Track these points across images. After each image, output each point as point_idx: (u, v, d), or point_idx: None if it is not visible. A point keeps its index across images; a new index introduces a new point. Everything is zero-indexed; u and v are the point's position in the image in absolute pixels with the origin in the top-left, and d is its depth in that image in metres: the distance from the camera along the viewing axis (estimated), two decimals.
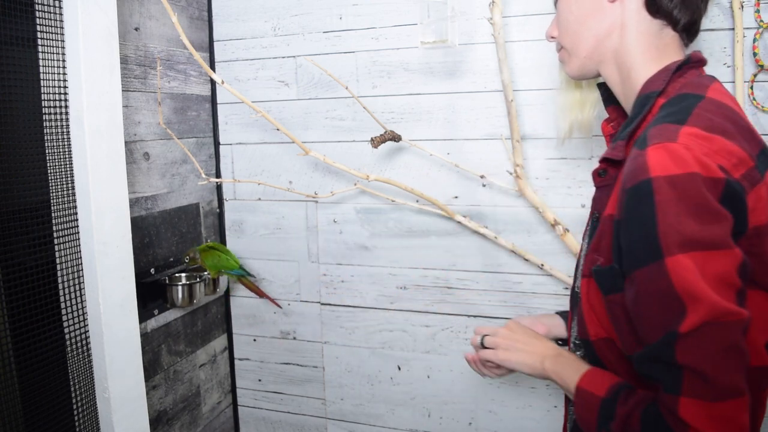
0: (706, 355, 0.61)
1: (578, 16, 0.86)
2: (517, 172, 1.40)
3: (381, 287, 1.62)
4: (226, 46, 1.68)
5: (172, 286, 1.46)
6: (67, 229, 1.14)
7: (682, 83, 0.77)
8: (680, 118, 0.69)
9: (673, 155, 0.64)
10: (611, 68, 0.85)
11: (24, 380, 1.09)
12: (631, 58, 0.82)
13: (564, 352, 0.87)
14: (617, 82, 0.86)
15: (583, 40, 0.86)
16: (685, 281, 0.61)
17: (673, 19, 0.80)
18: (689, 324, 0.61)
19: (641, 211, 0.64)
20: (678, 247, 0.62)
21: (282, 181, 1.67)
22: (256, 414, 1.83)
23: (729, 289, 0.62)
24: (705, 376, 0.61)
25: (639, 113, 0.77)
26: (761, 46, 1.25)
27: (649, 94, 0.77)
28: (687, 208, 0.62)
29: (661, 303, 0.63)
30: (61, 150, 1.13)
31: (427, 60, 1.49)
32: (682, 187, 0.62)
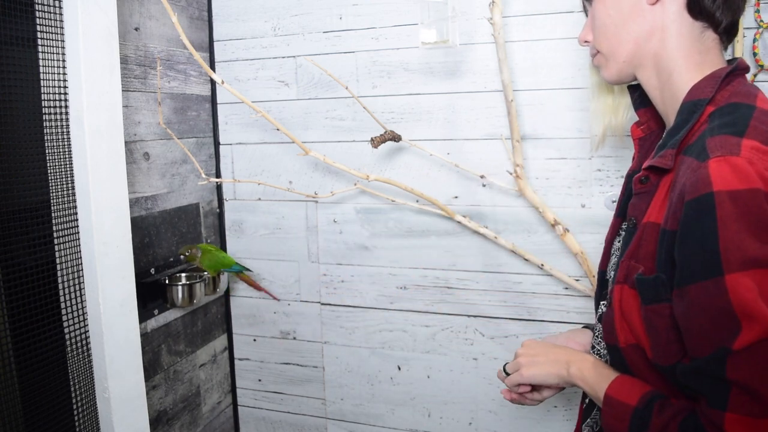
0: (758, 372, 0.61)
1: (616, 19, 0.82)
2: (517, 172, 1.40)
3: (381, 287, 1.62)
4: (226, 46, 1.68)
5: (172, 286, 1.46)
6: (67, 229, 1.14)
7: (730, 91, 0.75)
8: (738, 130, 0.67)
9: (736, 169, 0.63)
10: (650, 72, 0.83)
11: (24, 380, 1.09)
12: (672, 63, 0.79)
13: (589, 357, 0.86)
14: (655, 87, 0.83)
15: (622, 44, 0.83)
16: (744, 300, 0.61)
17: (715, 20, 0.77)
18: (743, 341, 0.61)
19: (702, 224, 0.63)
20: (738, 264, 0.61)
21: (282, 181, 1.67)
22: (256, 414, 1.83)
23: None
24: (754, 393, 0.61)
25: (688, 121, 0.75)
26: (761, 46, 1.25)
27: (698, 101, 0.75)
28: (748, 225, 0.61)
29: (715, 319, 0.63)
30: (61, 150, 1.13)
31: (427, 60, 1.49)
32: (744, 202, 0.61)
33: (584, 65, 1.37)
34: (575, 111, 1.39)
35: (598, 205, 1.41)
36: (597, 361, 0.84)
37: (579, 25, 1.36)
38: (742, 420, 0.61)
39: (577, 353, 0.87)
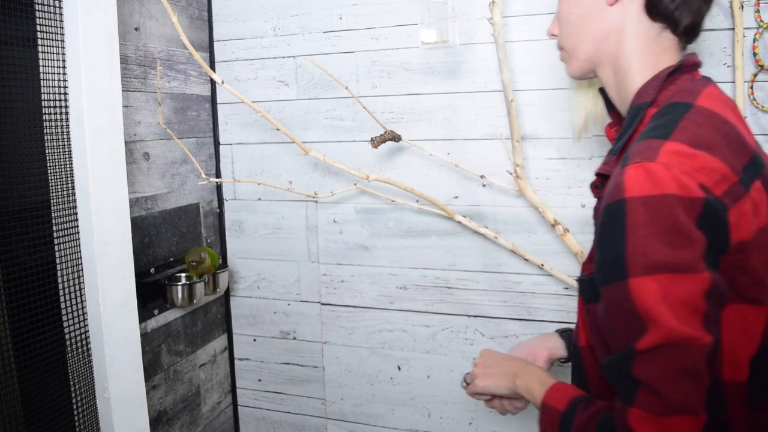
0: (659, 373, 0.63)
1: (578, 18, 0.84)
2: (517, 172, 1.40)
3: (381, 287, 1.62)
4: (226, 46, 1.68)
5: (172, 286, 1.46)
6: (67, 229, 1.14)
7: (674, 90, 0.76)
8: (665, 133, 0.68)
9: (651, 175, 0.64)
10: (608, 72, 0.84)
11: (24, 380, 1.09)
12: (627, 63, 0.80)
13: (532, 367, 0.92)
14: (613, 86, 0.85)
15: (582, 42, 0.85)
16: (646, 303, 0.63)
17: (673, 22, 0.78)
18: (645, 343, 0.63)
19: (614, 230, 0.65)
20: (642, 269, 0.63)
21: (282, 181, 1.67)
22: (256, 414, 1.83)
23: (693, 314, 0.63)
24: (657, 392, 0.63)
25: (630, 125, 0.77)
26: (761, 46, 1.25)
27: (640, 105, 0.77)
28: (658, 231, 0.62)
29: (624, 319, 0.65)
30: (61, 150, 1.13)
31: (427, 60, 1.49)
32: (655, 208, 0.63)
33: None
34: None
35: None
36: (538, 370, 0.90)
37: None
38: (645, 416, 0.63)
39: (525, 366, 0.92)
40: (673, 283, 0.62)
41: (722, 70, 1.29)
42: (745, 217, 0.65)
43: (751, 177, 0.68)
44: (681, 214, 0.62)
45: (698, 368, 0.63)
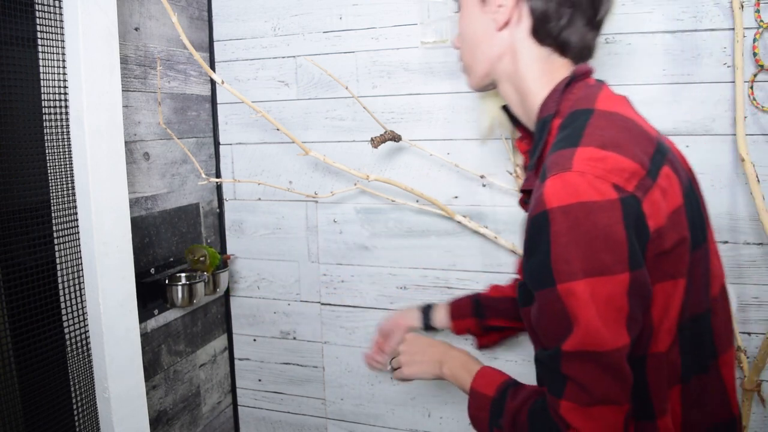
0: (583, 372, 0.69)
1: (472, 38, 0.89)
2: (517, 172, 1.40)
3: (381, 287, 1.62)
4: (226, 46, 1.68)
5: (172, 286, 1.46)
6: (67, 229, 1.14)
7: (573, 99, 0.80)
8: (574, 141, 0.72)
9: (567, 185, 0.68)
10: (508, 89, 0.89)
11: (24, 380, 1.09)
12: (525, 83, 0.85)
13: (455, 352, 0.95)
14: (516, 103, 0.89)
15: (477, 61, 0.90)
16: (571, 307, 0.68)
17: (560, 46, 0.83)
18: (570, 345, 0.68)
19: (539, 240, 0.70)
20: (567, 275, 0.67)
21: (282, 181, 1.67)
22: (256, 414, 1.83)
23: (617, 315, 0.68)
24: (583, 387, 0.69)
25: (540, 139, 0.80)
26: (761, 46, 1.25)
27: (545, 118, 0.81)
28: (577, 238, 0.67)
29: (554, 320, 0.70)
30: (61, 150, 1.13)
31: (427, 60, 1.49)
32: (573, 216, 0.67)
33: None
34: None
35: None
36: (463, 356, 0.94)
37: None
38: (573, 407, 0.69)
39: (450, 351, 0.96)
40: (596, 286, 0.67)
41: (722, 70, 1.29)
42: (656, 205, 0.70)
43: (657, 165, 0.72)
44: (599, 219, 0.66)
45: (619, 368, 0.68)
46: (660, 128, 1.36)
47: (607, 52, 1.35)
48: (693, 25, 1.29)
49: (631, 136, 0.73)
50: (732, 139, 1.30)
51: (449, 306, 1.20)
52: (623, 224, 0.67)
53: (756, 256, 1.33)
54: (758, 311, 1.34)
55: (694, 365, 0.76)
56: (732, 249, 1.34)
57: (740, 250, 1.33)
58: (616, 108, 0.77)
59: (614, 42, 1.35)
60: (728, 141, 1.31)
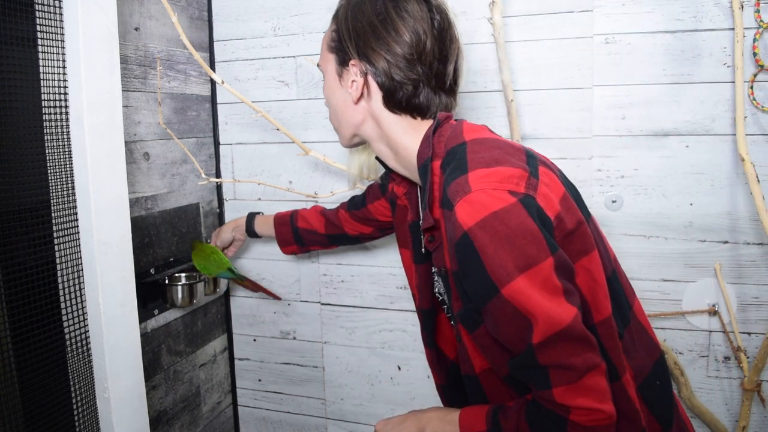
0: (560, 352, 0.74)
1: (335, 105, 0.98)
2: None
3: (381, 287, 1.62)
4: (226, 46, 1.68)
5: (172, 286, 1.46)
6: (67, 229, 1.14)
7: (443, 140, 0.89)
8: (462, 169, 0.80)
9: (474, 204, 0.75)
10: (380, 146, 0.97)
11: (24, 380, 1.09)
12: (394, 141, 0.94)
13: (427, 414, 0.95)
14: (390, 157, 0.97)
15: (342, 125, 0.99)
16: (522, 302, 0.74)
17: (413, 111, 0.92)
18: (538, 336, 0.74)
19: (469, 259, 0.76)
20: (506, 276, 0.73)
21: (282, 181, 1.67)
22: (256, 414, 1.83)
23: (556, 293, 0.74)
24: (564, 366, 0.74)
25: (425, 181, 0.89)
26: (761, 46, 1.25)
27: (425, 162, 0.89)
28: (501, 242, 0.73)
29: (513, 323, 0.75)
30: (61, 150, 1.13)
31: None
32: (490, 226, 0.74)
33: (584, 65, 1.37)
34: (575, 111, 1.39)
35: (598, 205, 1.41)
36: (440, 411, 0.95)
37: (579, 25, 1.36)
38: (566, 389, 0.74)
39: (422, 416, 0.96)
40: (534, 275, 0.73)
41: (722, 70, 1.29)
42: (547, 197, 0.79)
43: (534, 166, 0.81)
44: (512, 220, 0.74)
45: (583, 334, 0.75)
46: (660, 128, 1.37)
47: (607, 52, 1.36)
48: (693, 25, 1.29)
49: (504, 151, 0.83)
50: (732, 139, 1.30)
51: (275, 227, 1.47)
52: (530, 219, 0.75)
53: (756, 256, 1.33)
54: (758, 311, 1.34)
55: (622, 320, 0.86)
56: (732, 249, 1.34)
57: (740, 250, 1.34)
58: (480, 135, 0.88)
59: (614, 42, 1.35)
60: (728, 141, 1.31)
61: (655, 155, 1.36)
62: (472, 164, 0.80)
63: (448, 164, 0.85)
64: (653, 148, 1.36)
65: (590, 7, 1.35)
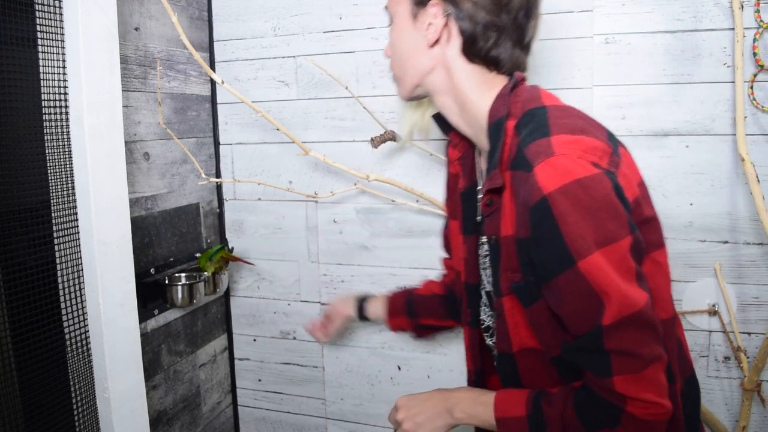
0: (628, 337, 0.71)
1: (403, 51, 0.91)
2: None
3: (381, 287, 1.62)
4: (226, 46, 1.68)
5: (172, 286, 1.46)
6: (67, 229, 1.14)
7: (521, 101, 0.83)
8: (544, 132, 0.75)
9: (557, 167, 0.70)
10: (445, 99, 0.90)
11: (24, 380, 1.09)
12: (463, 94, 0.87)
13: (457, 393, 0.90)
14: (454, 112, 0.91)
15: (408, 73, 0.91)
16: (598, 278, 0.70)
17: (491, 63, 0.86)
18: (610, 317, 0.70)
19: (546, 226, 0.71)
20: (585, 249, 0.69)
21: (282, 181, 1.67)
22: (256, 414, 1.83)
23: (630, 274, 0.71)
24: (630, 353, 0.71)
25: (497, 140, 0.82)
26: (761, 46, 1.25)
27: (498, 120, 0.83)
28: (583, 212, 0.69)
29: (582, 301, 0.71)
30: (61, 150, 1.13)
31: None
32: (573, 194, 0.69)
33: (584, 65, 1.37)
34: None
35: None
36: (472, 392, 0.89)
37: (580, 25, 1.36)
38: (628, 378, 0.71)
39: (450, 395, 0.90)
40: (612, 252, 0.70)
41: (722, 70, 1.29)
42: (627, 178, 0.75)
43: (615, 145, 0.78)
44: (597, 191, 0.70)
45: (653, 322, 0.72)
46: (660, 128, 1.37)
47: (607, 52, 1.35)
48: (693, 25, 1.29)
49: (587, 122, 0.79)
50: (732, 139, 1.30)
51: (386, 301, 1.25)
52: (614, 193, 0.71)
53: (756, 256, 1.33)
54: (758, 311, 1.34)
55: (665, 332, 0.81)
56: (732, 249, 1.34)
57: (740, 250, 1.33)
58: (561, 103, 0.84)
59: (614, 42, 1.35)
60: (728, 141, 1.31)
61: (655, 155, 1.36)
62: (554, 128, 0.75)
63: (525, 125, 0.79)
64: (653, 148, 1.36)
65: (590, 7, 1.35)
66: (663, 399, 0.71)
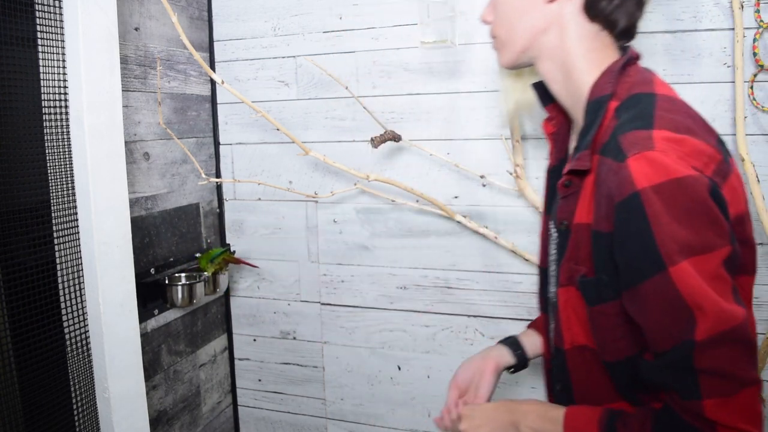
0: (727, 356, 0.63)
1: (515, 8, 0.83)
2: (517, 172, 1.40)
3: (381, 287, 1.62)
4: (226, 46, 1.68)
5: (172, 286, 1.46)
6: (67, 229, 1.14)
7: (629, 83, 0.76)
8: (647, 123, 0.69)
9: (654, 164, 0.64)
10: (549, 65, 0.83)
11: (24, 380, 1.09)
12: (571, 59, 0.80)
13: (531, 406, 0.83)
14: (557, 80, 0.83)
15: (517, 33, 0.83)
16: (691, 288, 0.63)
17: (610, 23, 0.78)
18: (703, 333, 0.63)
19: (635, 224, 0.65)
20: (677, 255, 0.63)
21: (282, 181, 1.67)
22: (256, 414, 1.83)
23: (726, 286, 0.64)
24: (723, 374, 0.63)
25: (594, 120, 0.76)
26: (761, 46, 1.25)
27: (600, 99, 0.76)
28: (676, 215, 0.63)
29: (670, 312, 0.64)
30: (61, 150, 1.13)
31: (427, 60, 1.49)
32: (668, 194, 0.63)
33: None
34: None
35: None
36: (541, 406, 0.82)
37: None
38: (719, 402, 0.63)
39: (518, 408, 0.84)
40: (706, 262, 0.63)
41: (722, 70, 1.29)
42: (735, 191, 0.68)
43: (726, 153, 0.70)
44: (696, 193, 0.63)
45: (750, 338, 0.64)
46: None
47: None
48: (693, 25, 1.29)
49: (696, 122, 0.71)
50: (732, 139, 1.30)
51: (536, 332, 1.07)
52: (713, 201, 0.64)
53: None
54: (758, 311, 1.34)
55: None
56: None
57: None
58: (674, 94, 0.76)
59: None
60: (728, 141, 1.31)
61: None
62: (659, 121, 0.68)
63: (627, 110, 0.73)
64: None
65: None
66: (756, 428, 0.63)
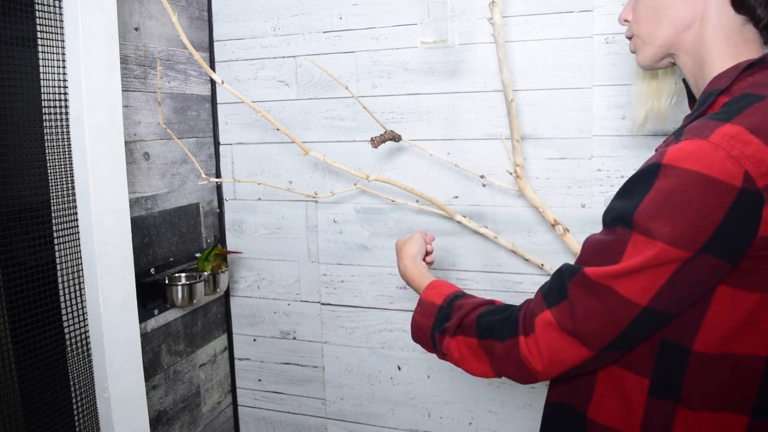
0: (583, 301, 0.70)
1: (659, 3, 0.83)
2: (517, 172, 1.40)
3: (381, 287, 1.62)
4: (226, 46, 1.68)
5: (172, 286, 1.46)
6: (67, 229, 1.14)
7: (750, 82, 0.74)
8: (727, 116, 0.67)
9: (695, 151, 0.64)
10: (686, 59, 0.83)
11: (24, 380, 1.09)
12: (706, 51, 0.79)
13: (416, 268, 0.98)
14: (691, 73, 0.84)
15: (660, 28, 0.83)
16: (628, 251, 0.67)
17: (756, 16, 0.77)
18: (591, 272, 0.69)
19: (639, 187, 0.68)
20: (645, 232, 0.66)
21: (282, 181, 1.67)
22: (256, 414, 1.83)
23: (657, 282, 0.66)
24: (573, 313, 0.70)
25: (698, 110, 0.76)
26: None
27: (712, 91, 0.76)
28: (672, 204, 0.64)
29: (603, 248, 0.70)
30: (61, 150, 1.13)
31: (427, 60, 1.49)
32: (684, 181, 0.64)
33: (584, 65, 1.37)
34: (575, 111, 1.39)
35: (598, 205, 1.41)
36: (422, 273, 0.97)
37: (579, 25, 1.36)
38: (551, 324, 0.71)
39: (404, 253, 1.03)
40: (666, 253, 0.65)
41: None
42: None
43: None
44: (706, 197, 0.63)
45: (622, 322, 0.68)
46: (661, 128, 1.36)
47: (606, 52, 1.35)
48: None
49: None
50: None
51: None
52: (725, 212, 0.63)
53: None
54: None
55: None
56: None
57: None
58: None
59: (614, 42, 1.35)
60: None
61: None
62: (740, 117, 0.67)
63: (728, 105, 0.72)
64: (653, 148, 1.36)
65: (590, 7, 1.35)
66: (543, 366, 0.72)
